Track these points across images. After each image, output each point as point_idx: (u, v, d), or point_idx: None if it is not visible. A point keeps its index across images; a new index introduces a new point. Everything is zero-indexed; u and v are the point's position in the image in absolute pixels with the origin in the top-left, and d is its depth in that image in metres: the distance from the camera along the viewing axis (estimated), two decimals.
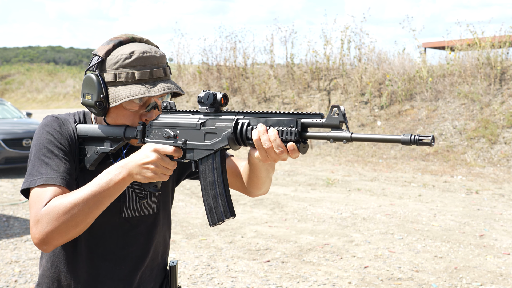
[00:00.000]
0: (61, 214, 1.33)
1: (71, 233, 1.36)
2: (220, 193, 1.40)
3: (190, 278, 4.24)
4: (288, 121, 1.28)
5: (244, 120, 1.35)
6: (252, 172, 1.50)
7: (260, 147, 1.29)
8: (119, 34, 1.54)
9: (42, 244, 1.35)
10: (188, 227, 5.72)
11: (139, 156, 1.37)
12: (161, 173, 1.37)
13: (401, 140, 1.16)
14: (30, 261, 4.62)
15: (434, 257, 4.71)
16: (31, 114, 11.03)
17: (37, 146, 1.44)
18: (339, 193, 7.51)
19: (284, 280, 4.18)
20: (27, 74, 35.40)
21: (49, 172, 1.40)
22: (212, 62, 15.58)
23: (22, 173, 9.20)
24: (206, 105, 1.40)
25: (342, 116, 1.22)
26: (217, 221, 1.40)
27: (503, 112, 10.19)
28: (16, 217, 6.13)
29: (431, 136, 1.14)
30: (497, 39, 11.41)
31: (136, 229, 1.57)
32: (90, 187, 1.36)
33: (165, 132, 1.44)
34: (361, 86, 12.55)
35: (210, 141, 1.39)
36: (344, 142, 1.22)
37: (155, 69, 1.46)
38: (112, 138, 1.50)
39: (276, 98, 13.71)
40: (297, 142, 1.27)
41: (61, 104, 27.98)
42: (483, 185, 7.97)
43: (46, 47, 68.33)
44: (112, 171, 1.37)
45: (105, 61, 1.47)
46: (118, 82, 1.45)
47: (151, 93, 1.43)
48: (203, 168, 1.41)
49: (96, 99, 1.45)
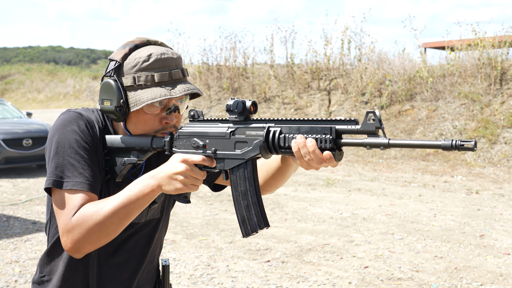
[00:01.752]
0: (92, 225, 1.32)
1: (102, 241, 1.35)
2: (253, 203, 1.36)
3: (190, 278, 4.24)
4: (322, 128, 1.25)
5: (275, 128, 1.31)
6: (280, 172, 1.50)
7: (301, 158, 1.27)
8: (134, 38, 1.51)
9: (74, 252, 1.36)
10: (188, 227, 5.72)
11: (168, 167, 1.33)
12: (191, 184, 1.33)
13: (442, 145, 1.12)
14: (30, 261, 4.62)
15: (434, 257, 4.71)
16: (31, 114, 11.03)
17: (61, 145, 1.39)
18: (339, 193, 7.51)
19: (284, 280, 4.18)
20: (27, 74, 35.39)
21: (75, 176, 1.37)
22: (212, 62, 15.60)
23: (22, 173, 9.20)
24: (235, 113, 1.36)
25: (378, 122, 1.19)
26: (251, 232, 1.36)
27: (503, 112, 10.18)
28: (16, 217, 6.13)
29: (473, 141, 1.10)
30: (498, 39, 11.40)
31: (138, 234, 1.56)
32: (120, 199, 1.33)
33: (193, 141, 1.40)
34: (361, 86, 12.55)
35: (241, 150, 1.35)
36: (381, 149, 1.19)
37: (174, 71, 1.43)
38: (139, 149, 1.47)
39: (276, 98, 13.72)
40: (333, 149, 1.24)
41: (61, 104, 27.98)
42: (483, 185, 7.96)
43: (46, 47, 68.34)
44: (141, 182, 1.34)
45: (122, 66, 1.44)
46: (137, 86, 1.42)
47: (172, 95, 1.40)
48: (234, 178, 1.37)
49: (116, 104, 1.41)
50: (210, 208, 6.57)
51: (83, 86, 28.85)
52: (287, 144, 1.29)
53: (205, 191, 7.49)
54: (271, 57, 14.60)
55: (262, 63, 15.17)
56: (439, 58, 13.40)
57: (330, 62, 13.68)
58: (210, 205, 6.72)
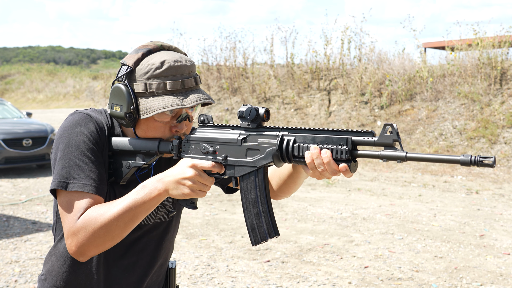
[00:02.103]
0: (97, 229, 1.30)
1: (107, 245, 1.34)
2: (263, 211, 1.35)
3: (190, 278, 4.24)
4: (337, 139, 1.23)
5: (289, 137, 1.29)
6: (292, 179, 1.50)
7: (314, 169, 1.26)
8: (147, 42, 1.48)
9: (78, 255, 1.34)
10: (188, 227, 5.72)
11: (176, 171, 1.32)
12: (198, 190, 1.31)
13: (461, 161, 1.11)
14: (30, 261, 4.62)
15: (434, 257, 4.71)
16: (31, 114, 11.03)
17: (67, 145, 1.37)
18: (339, 193, 7.51)
19: (284, 280, 4.18)
20: (27, 74, 35.39)
21: (82, 178, 1.35)
22: (212, 62, 15.59)
23: (22, 173, 9.21)
24: (248, 120, 1.34)
25: (396, 135, 1.17)
26: (261, 241, 1.35)
27: (503, 112, 10.18)
28: (16, 217, 6.13)
29: (493, 158, 1.08)
30: (497, 39, 11.40)
31: (148, 236, 1.54)
32: (126, 202, 1.32)
33: (203, 147, 1.38)
34: (361, 86, 12.55)
35: (253, 158, 1.33)
36: (398, 161, 1.17)
37: (187, 79, 1.41)
38: (145, 152, 1.44)
39: (276, 98, 13.72)
40: (348, 161, 1.23)
41: (61, 104, 27.98)
42: (483, 185, 7.97)
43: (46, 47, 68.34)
44: (148, 185, 1.33)
45: (134, 71, 1.41)
46: (149, 93, 1.39)
47: (183, 104, 1.37)
48: (244, 185, 1.35)
49: (126, 110, 1.39)
50: (210, 208, 6.57)
51: (83, 86, 28.83)
52: (301, 154, 1.28)
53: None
54: (271, 57, 14.61)
55: (262, 63, 15.16)
56: (439, 58, 13.42)
57: (330, 62, 13.67)
58: (210, 205, 6.72)
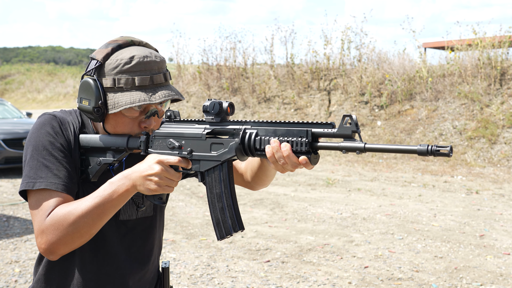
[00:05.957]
0: (66, 226, 1.31)
1: (76, 243, 1.34)
2: (228, 205, 1.35)
3: (190, 278, 4.24)
4: (298, 132, 1.24)
5: (251, 130, 1.30)
6: (261, 171, 1.51)
7: (275, 162, 1.26)
8: (118, 37, 1.48)
9: (48, 253, 1.35)
10: (188, 227, 5.72)
11: (143, 167, 1.32)
12: (165, 185, 1.32)
13: (418, 150, 1.11)
14: (30, 261, 4.62)
15: (434, 257, 4.71)
16: (31, 114, 11.03)
17: (35, 147, 1.38)
18: (339, 193, 7.51)
19: (284, 280, 4.18)
20: (27, 74, 35.41)
21: (49, 177, 1.36)
22: (212, 62, 15.60)
23: (22, 173, 9.19)
24: (212, 114, 1.35)
25: (354, 126, 1.18)
26: (225, 235, 1.36)
27: (503, 112, 10.19)
28: (16, 217, 6.13)
29: (449, 147, 1.09)
30: (497, 39, 11.40)
31: (133, 232, 1.54)
32: (93, 199, 1.32)
33: (169, 142, 1.39)
34: (361, 86, 12.55)
35: (217, 152, 1.34)
36: (357, 153, 1.18)
37: (156, 75, 1.41)
38: (114, 149, 1.45)
39: (276, 98, 13.72)
40: (308, 153, 1.23)
41: (61, 104, 27.99)
42: (483, 185, 7.97)
43: (46, 47, 68.32)
44: (116, 182, 1.34)
45: (103, 66, 1.41)
46: (117, 88, 1.40)
47: (151, 100, 1.38)
48: (209, 179, 1.36)
49: (94, 105, 1.40)
50: None
51: None
52: (262, 147, 1.28)
53: (205, 191, 7.48)
54: (271, 57, 14.61)
55: (262, 63, 15.17)
56: (439, 58, 13.40)
57: (330, 62, 13.68)
58: None
